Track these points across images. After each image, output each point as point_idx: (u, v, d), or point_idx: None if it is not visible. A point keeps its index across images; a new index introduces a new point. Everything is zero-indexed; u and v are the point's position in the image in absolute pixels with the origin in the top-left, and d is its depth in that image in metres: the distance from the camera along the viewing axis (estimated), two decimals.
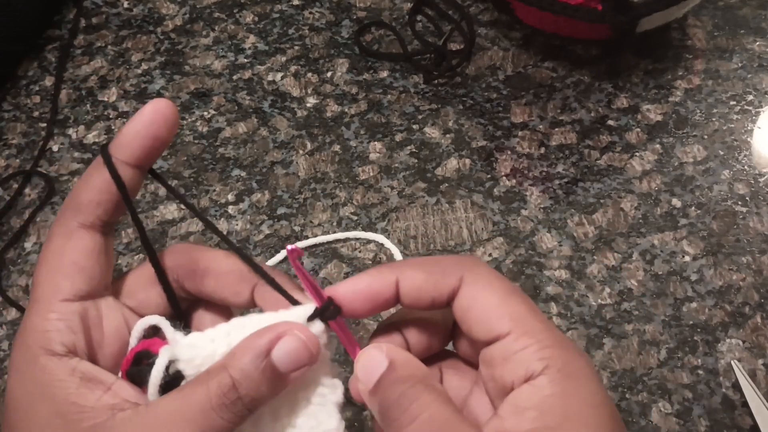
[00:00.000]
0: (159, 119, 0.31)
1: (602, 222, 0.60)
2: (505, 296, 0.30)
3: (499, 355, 0.30)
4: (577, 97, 0.67)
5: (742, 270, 0.57)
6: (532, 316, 0.30)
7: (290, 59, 0.71)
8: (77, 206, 0.31)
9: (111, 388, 0.29)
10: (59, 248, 0.31)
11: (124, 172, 0.31)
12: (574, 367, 0.29)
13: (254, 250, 0.59)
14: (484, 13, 0.74)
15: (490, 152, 0.64)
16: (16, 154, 0.66)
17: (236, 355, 0.29)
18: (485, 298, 0.30)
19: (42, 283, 0.30)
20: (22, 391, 0.29)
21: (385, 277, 0.31)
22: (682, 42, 0.71)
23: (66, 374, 0.29)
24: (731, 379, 0.52)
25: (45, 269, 0.31)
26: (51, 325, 0.30)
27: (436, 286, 0.31)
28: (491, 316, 0.30)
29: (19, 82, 0.71)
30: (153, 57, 0.72)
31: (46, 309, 0.30)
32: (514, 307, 0.30)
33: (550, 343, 0.29)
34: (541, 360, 0.29)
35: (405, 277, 0.31)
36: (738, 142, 0.64)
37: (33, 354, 0.29)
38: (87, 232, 0.31)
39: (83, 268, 0.31)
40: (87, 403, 0.28)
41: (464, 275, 0.31)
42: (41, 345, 0.29)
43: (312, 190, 0.62)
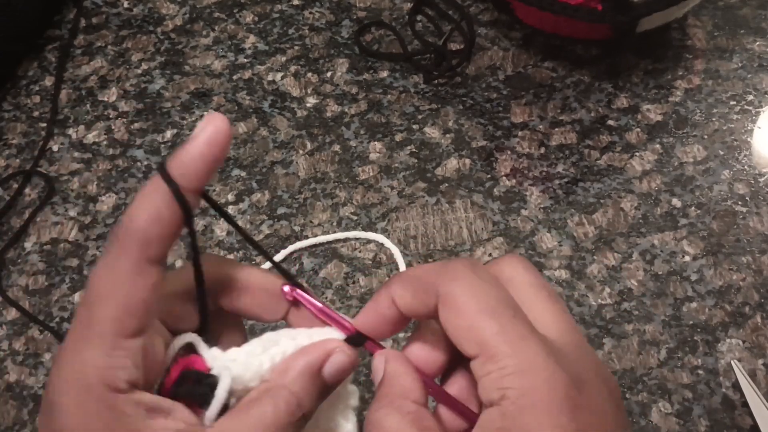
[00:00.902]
0: (219, 139, 0.29)
1: (602, 222, 0.60)
2: (476, 315, 0.29)
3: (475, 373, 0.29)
4: (577, 97, 0.67)
5: (742, 270, 0.57)
6: (501, 338, 0.29)
7: (290, 59, 0.71)
8: (145, 240, 0.29)
9: (170, 414, 0.29)
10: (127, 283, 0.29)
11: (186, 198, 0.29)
12: (531, 399, 0.28)
13: (254, 251, 0.59)
14: (484, 13, 0.74)
15: (490, 152, 0.64)
16: (16, 153, 0.66)
17: (292, 372, 0.31)
18: (456, 318, 0.30)
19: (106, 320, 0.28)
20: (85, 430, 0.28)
21: (383, 300, 0.33)
22: (682, 42, 0.71)
23: (132, 409, 0.28)
24: (731, 379, 0.52)
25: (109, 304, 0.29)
26: (118, 362, 0.28)
27: (422, 303, 0.31)
28: (461, 339, 0.30)
29: (19, 82, 0.71)
30: (153, 57, 0.72)
31: (111, 346, 0.28)
32: (483, 331, 0.29)
33: (511, 370, 0.28)
34: (499, 390, 0.28)
35: (396, 296, 0.32)
36: (738, 142, 0.64)
37: (97, 393, 0.28)
38: (155, 269, 0.29)
39: (147, 303, 0.29)
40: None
41: (439, 292, 0.30)
42: (106, 383, 0.28)
43: (312, 190, 0.62)
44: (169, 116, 0.68)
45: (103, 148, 0.66)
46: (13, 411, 0.52)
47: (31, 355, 0.55)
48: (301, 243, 0.59)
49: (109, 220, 0.61)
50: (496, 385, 0.28)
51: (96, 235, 0.60)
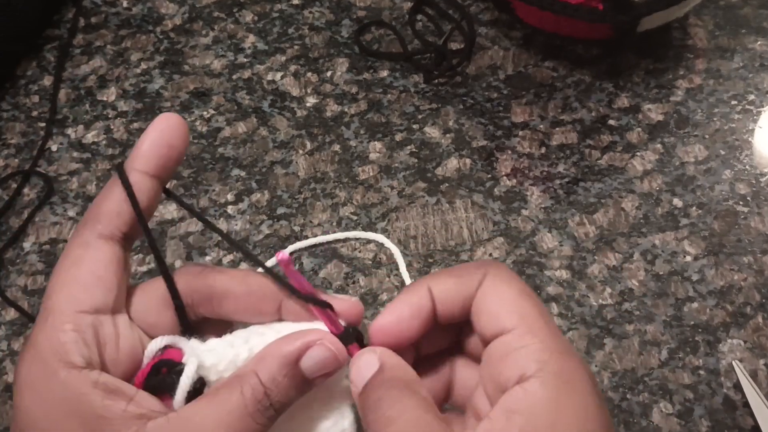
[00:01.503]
0: (170, 128, 0.31)
1: (603, 222, 0.60)
2: (520, 295, 0.31)
3: (500, 351, 0.30)
4: (577, 96, 0.67)
5: (744, 270, 0.56)
6: (541, 318, 0.30)
7: (290, 59, 0.71)
8: (96, 217, 0.31)
9: (134, 398, 0.29)
10: (76, 258, 0.30)
11: (142, 183, 0.31)
12: (570, 374, 0.29)
13: (254, 250, 0.58)
14: (485, 12, 0.74)
15: (490, 152, 0.64)
16: (15, 153, 0.66)
17: (266, 360, 0.29)
18: (501, 292, 0.31)
19: (56, 294, 0.29)
20: (43, 411, 0.28)
21: (418, 290, 0.32)
22: (683, 41, 0.71)
23: (89, 387, 0.28)
24: (732, 379, 0.51)
25: (60, 279, 0.30)
26: (67, 336, 0.28)
27: (465, 287, 0.31)
28: (502, 310, 0.30)
29: (18, 82, 0.71)
30: (152, 56, 0.72)
31: (61, 320, 0.29)
32: (526, 307, 0.30)
33: (550, 346, 0.29)
34: (537, 362, 0.28)
35: (435, 284, 0.32)
36: (739, 142, 0.64)
37: (51, 368, 0.28)
38: (106, 243, 0.30)
39: (101, 279, 0.30)
40: (113, 415, 0.28)
41: (487, 272, 0.31)
42: (59, 358, 0.28)
43: (312, 190, 0.62)
44: None
45: (102, 147, 0.66)
46: (12, 411, 0.52)
47: None
48: (301, 243, 0.58)
49: None
50: (534, 357, 0.29)
51: None
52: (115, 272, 0.30)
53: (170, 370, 0.30)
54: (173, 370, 0.29)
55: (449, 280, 0.32)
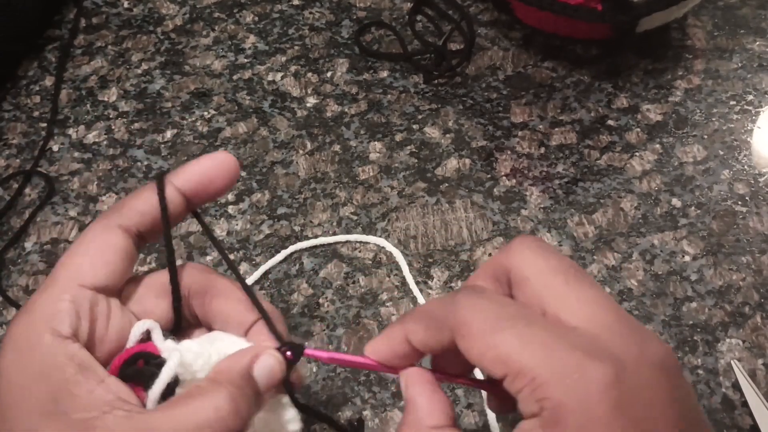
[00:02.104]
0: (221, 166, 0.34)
1: (602, 222, 0.60)
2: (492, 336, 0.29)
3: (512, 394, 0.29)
4: (577, 97, 0.67)
5: (742, 270, 0.57)
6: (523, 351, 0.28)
7: (290, 59, 0.71)
8: (120, 209, 0.32)
9: (104, 381, 0.29)
10: (91, 238, 0.32)
11: (173, 197, 0.33)
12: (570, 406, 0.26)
13: (254, 250, 0.59)
14: (484, 13, 0.74)
15: (490, 152, 0.64)
16: (16, 154, 0.66)
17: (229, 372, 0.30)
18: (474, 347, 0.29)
19: (64, 265, 0.31)
20: (18, 370, 0.29)
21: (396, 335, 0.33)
22: (682, 42, 0.71)
23: (66, 358, 0.29)
24: (731, 378, 0.52)
25: (71, 253, 0.31)
26: (63, 305, 0.30)
27: (436, 339, 0.31)
28: (485, 364, 0.29)
29: (19, 82, 0.71)
30: (153, 57, 0.72)
31: (62, 290, 0.30)
32: (502, 349, 0.28)
33: (542, 380, 0.27)
34: (536, 402, 0.27)
35: (409, 332, 0.32)
36: (738, 142, 0.64)
37: (37, 332, 0.29)
38: (121, 232, 0.32)
39: (108, 261, 0.31)
40: (80, 392, 0.28)
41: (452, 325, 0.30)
42: (48, 323, 0.29)
43: (312, 190, 0.62)
44: (169, 116, 0.68)
45: (103, 148, 0.66)
46: None
47: None
48: (302, 244, 0.59)
49: None
50: (532, 398, 0.27)
51: None
52: (122, 260, 0.32)
53: (148, 362, 0.30)
54: (152, 362, 0.30)
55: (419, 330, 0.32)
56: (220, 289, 0.34)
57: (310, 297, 0.56)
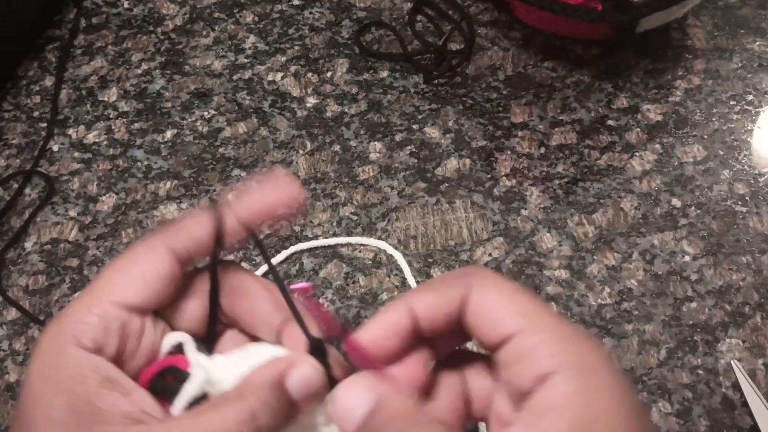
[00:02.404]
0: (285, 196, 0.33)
1: (602, 222, 0.60)
2: (513, 295, 0.30)
3: (513, 356, 0.29)
4: (577, 97, 0.67)
5: (742, 270, 0.57)
6: (543, 312, 0.29)
7: (290, 59, 0.71)
8: (173, 231, 0.31)
9: (130, 394, 0.29)
10: (135, 256, 0.31)
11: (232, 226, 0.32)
12: (591, 361, 0.28)
13: (254, 250, 0.59)
14: (484, 13, 0.74)
15: (490, 152, 0.64)
16: (16, 154, 0.66)
17: (254, 383, 0.29)
18: (494, 298, 0.30)
19: (101, 279, 0.30)
20: (41, 378, 0.28)
21: (398, 309, 0.31)
22: (682, 42, 0.71)
23: (89, 369, 0.28)
24: (731, 378, 0.52)
25: (112, 268, 0.31)
26: (90, 318, 0.29)
27: (447, 300, 0.31)
28: (501, 315, 0.29)
29: (20, 82, 0.71)
30: (153, 57, 0.72)
31: (93, 304, 0.30)
32: (524, 305, 0.30)
33: (562, 336, 0.28)
34: (555, 356, 0.28)
35: (416, 301, 0.31)
36: (738, 142, 0.64)
37: (61, 341, 0.29)
38: (168, 255, 0.31)
39: (147, 280, 0.30)
40: (103, 405, 0.28)
41: (471, 282, 0.31)
42: (72, 333, 0.29)
43: (312, 190, 0.62)
44: (169, 116, 0.68)
45: (104, 148, 0.66)
46: (13, 411, 0.52)
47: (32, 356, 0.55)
48: (302, 245, 0.59)
49: (109, 220, 0.61)
50: (550, 352, 0.28)
51: (96, 235, 0.60)
52: (163, 283, 0.31)
53: (176, 377, 0.30)
54: (179, 377, 0.30)
55: (429, 295, 0.31)
56: (247, 288, 0.33)
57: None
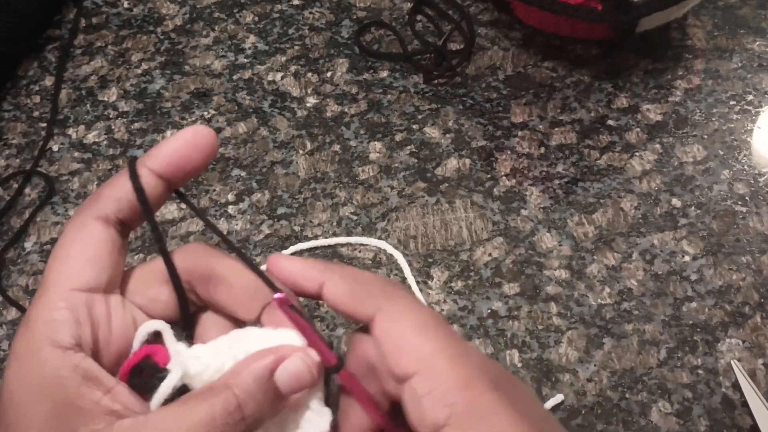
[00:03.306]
0: (194, 141, 0.31)
1: (602, 222, 0.60)
2: (418, 331, 0.30)
3: (411, 398, 0.29)
4: (577, 96, 0.67)
5: (742, 270, 0.57)
6: (441, 354, 0.29)
7: (290, 59, 0.71)
8: (95, 200, 0.31)
9: (111, 391, 0.28)
10: (71, 238, 0.30)
11: (148, 179, 0.31)
12: (479, 407, 0.28)
13: (254, 250, 0.59)
14: (484, 13, 0.74)
15: (490, 152, 0.64)
16: (16, 154, 0.66)
17: (240, 374, 0.29)
18: (397, 332, 0.30)
19: (51, 272, 0.30)
20: (20, 386, 0.28)
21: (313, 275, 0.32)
22: (682, 42, 0.71)
23: (68, 370, 0.28)
24: (731, 378, 0.52)
25: (56, 257, 0.30)
26: (58, 314, 0.28)
27: (356, 306, 0.31)
28: (401, 353, 0.29)
29: (20, 82, 0.71)
30: (153, 57, 0.72)
31: (55, 298, 0.29)
32: (424, 344, 0.29)
33: (453, 384, 0.28)
34: (445, 407, 0.28)
35: (330, 283, 0.31)
36: (738, 142, 0.64)
37: (37, 345, 0.28)
38: (100, 224, 0.30)
39: (94, 259, 0.30)
40: (86, 405, 0.27)
41: (382, 304, 0.30)
42: (47, 335, 0.28)
43: (312, 190, 0.62)
44: (169, 116, 0.68)
45: (103, 148, 0.66)
46: None
47: None
48: (302, 245, 0.59)
49: None
50: (442, 401, 0.28)
51: None
52: (109, 253, 0.30)
53: (153, 374, 0.29)
54: (156, 375, 0.29)
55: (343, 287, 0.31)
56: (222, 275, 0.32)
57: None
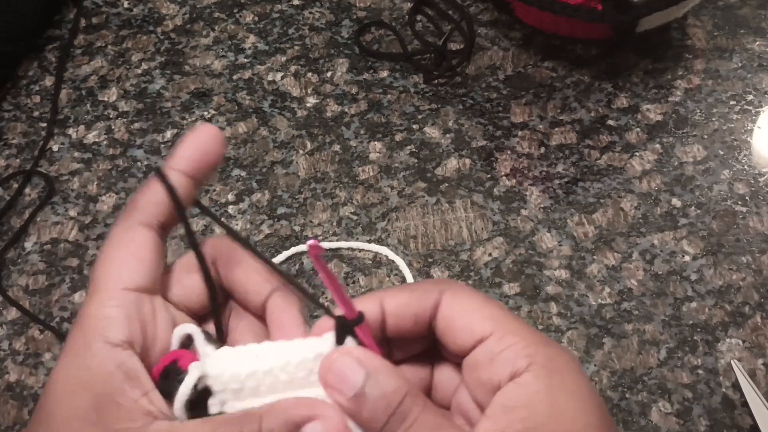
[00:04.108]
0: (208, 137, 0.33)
1: (602, 222, 0.60)
2: (484, 302, 0.31)
3: (484, 357, 0.30)
4: (577, 96, 0.67)
5: (742, 270, 0.57)
6: (513, 318, 0.31)
7: (290, 59, 0.71)
8: (135, 208, 0.33)
9: (148, 393, 0.29)
10: (119, 241, 0.32)
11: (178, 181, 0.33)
12: (558, 363, 0.29)
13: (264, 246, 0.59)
14: (484, 13, 0.74)
15: (490, 152, 0.64)
16: (16, 153, 0.66)
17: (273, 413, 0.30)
18: (466, 304, 0.31)
19: (101, 273, 0.31)
20: (65, 377, 0.29)
21: (369, 303, 0.32)
22: (682, 42, 0.71)
23: (113, 366, 0.29)
24: (731, 378, 0.52)
25: (104, 260, 0.31)
26: (110, 311, 0.30)
27: (419, 301, 0.32)
28: (474, 320, 0.31)
29: (20, 82, 0.71)
30: (153, 57, 0.72)
31: (106, 296, 0.30)
32: (496, 312, 0.31)
33: (533, 340, 0.30)
34: (526, 357, 0.29)
35: (388, 298, 0.32)
36: (738, 142, 0.64)
37: (88, 340, 0.29)
38: (145, 229, 0.32)
39: (142, 260, 0.31)
40: (125, 402, 0.28)
41: (444, 289, 0.32)
42: (99, 331, 0.29)
43: (312, 190, 0.62)
44: (169, 116, 0.68)
45: (103, 148, 0.66)
46: (13, 411, 0.52)
47: (32, 355, 0.55)
48: (303, 246, 0.59)
49: (109, 219, 0.61)
50: (522, 353, 0.29)
51: (96, 235, 0.60)
52: (154, 255, 0.32)
53: (175, 377, 0.30)
54: (177, 378, 0.30)
55: (402, 294, 0.32)
56: (242, 257, 0.34)
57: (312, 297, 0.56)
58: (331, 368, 0.30)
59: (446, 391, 0.34)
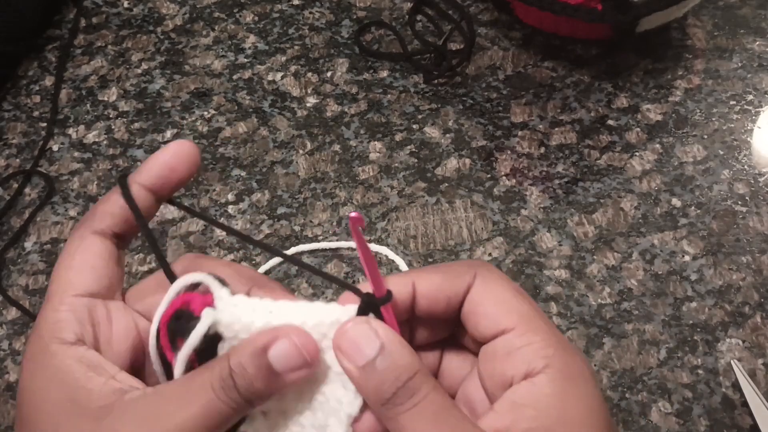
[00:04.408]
0: (178, 154, 0.34)
1: (602, 222, 0.60)
2: (514, 294, 0.32)
3: (502, 349, 0.31)
4: (577, 96, 0.67)
5: (742, 269, 0.57)
6: (539, 317, 0.31)
7: (290, 59, 0.71)
8: (92, 216, 0.34)
9: (115, 376, 0.31)
10: (72, 250, 0.33)
11: (138, 194, 0.33)
12: (574, 369, 0.30)
13: (254, 250, 0.59)
14: (484, 12, 0.74)
15: (490, 152, 0.64)
16: (16, 153, 0.66)
17: (239, 348, 0.30)
18: (496, 292, 0.32)
19: (55, 281, 0.33)
20: (34, 379, 0.31)
21: (402, 282, 0.32)
22: (682, 42, 0.71)
23: (74, 360, 0.30)
24: (731, 378, 0.52)
25: (58, 268, 0.33)
26: (61, 315, 0.31)
27: (452, 284, 0.32)
28: (500, 310, 0.31)
29: (19, 82, 0.71)
30: (153, 57, 0.72)
31: (58, 302, 0.32)
32: (523, 307, 0.31)
33: (553, 343, 0.30)
34: (544, 358, 0.29)
35: (421, 279, 0.32)
36: (738, 142, 0.64)
37: (44, 343, 0.31)
38: (98, 238, 0.33)
39: (93, 268, 0.33)
40: (94, 386, 0.30)
41: (478, 273, 0.32)
42: (53, 334, 0.31)
43: (312, 190, 0.62)
44: (169, 116, 0.68)
45: (103, 147, 0.66)
46: (13, 411, 0.52)
47: None
48: (303, 246, 0.59)
49: None
50: (540, 354, 0.30)
51: None
52: (107, 263, 0.33)
53: (188, 321, 0.31)
54: (190, 322, 0.30)
55: (435, 275, 0.32)
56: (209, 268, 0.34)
57: (311, 297, 0.56)
58: (347, 334, 0.30)
59: (453, 379, 0.34)
